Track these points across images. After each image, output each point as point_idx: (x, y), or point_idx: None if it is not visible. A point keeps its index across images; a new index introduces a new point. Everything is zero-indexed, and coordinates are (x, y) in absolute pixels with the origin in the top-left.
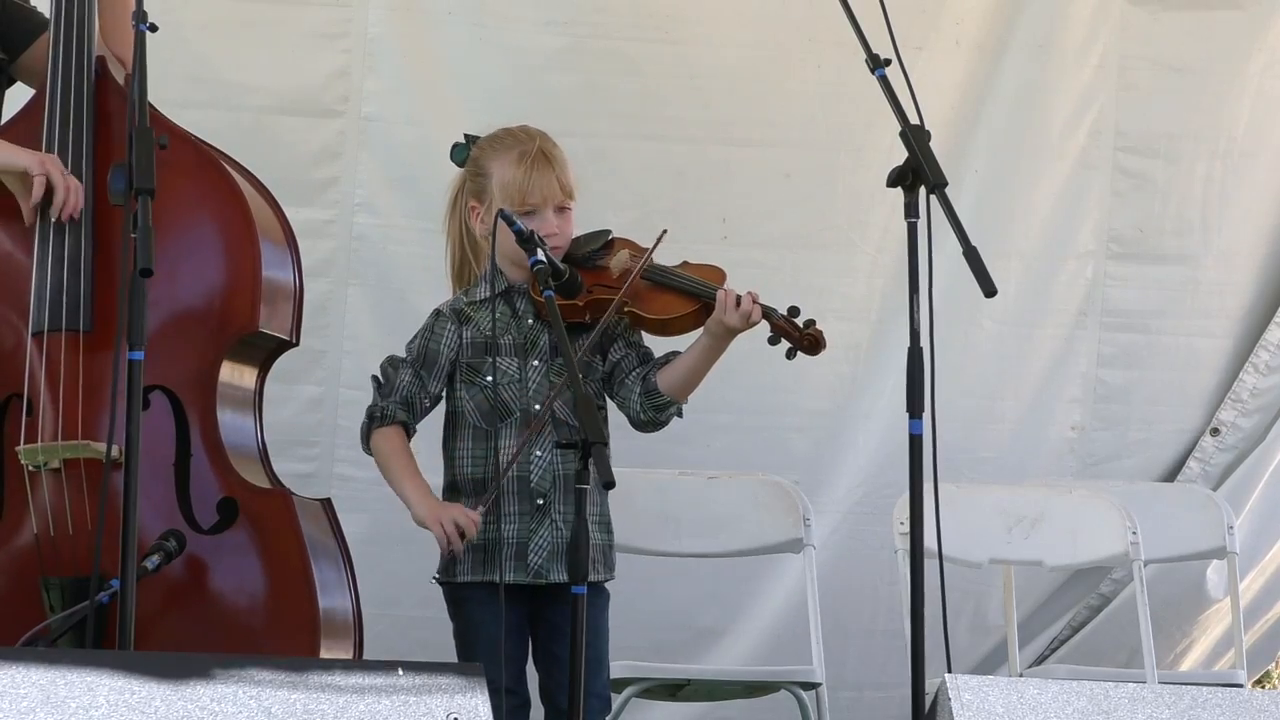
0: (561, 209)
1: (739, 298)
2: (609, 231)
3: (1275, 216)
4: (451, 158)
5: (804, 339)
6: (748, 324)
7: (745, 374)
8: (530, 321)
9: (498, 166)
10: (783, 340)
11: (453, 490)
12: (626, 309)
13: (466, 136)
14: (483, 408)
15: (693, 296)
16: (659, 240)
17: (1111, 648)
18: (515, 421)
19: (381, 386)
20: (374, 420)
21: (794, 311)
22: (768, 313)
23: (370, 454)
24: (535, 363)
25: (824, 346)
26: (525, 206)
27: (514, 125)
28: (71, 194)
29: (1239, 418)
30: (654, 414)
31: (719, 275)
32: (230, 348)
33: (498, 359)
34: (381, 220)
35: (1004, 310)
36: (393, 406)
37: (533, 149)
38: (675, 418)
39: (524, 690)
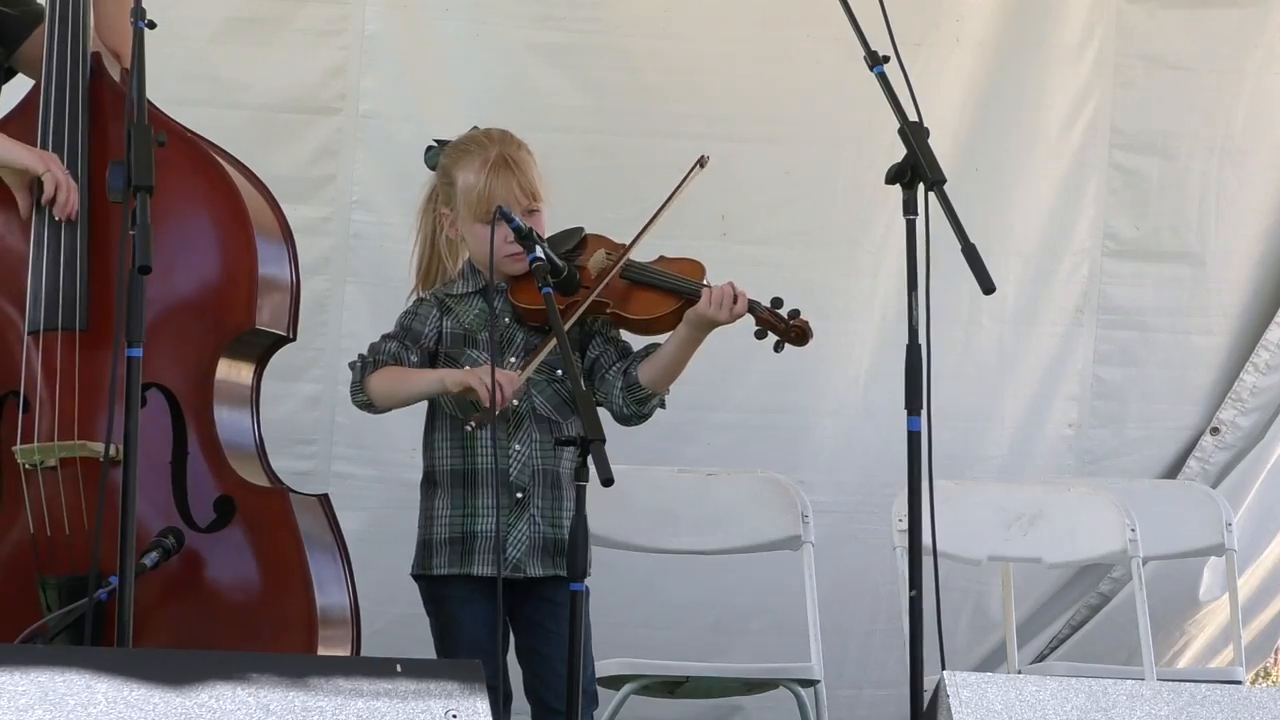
0: (530, 212)
1: (725, 292)
2: (582, 229)
3: (1273, 214)
4: (425, 162)
5: (791, 330)
6: (733, 318)
7: (747, 372)
8: (506, 320)
9: (461, 174)
10: (769, 334)
11: (429, 483)
12: (609, 310)
13: (436, 141)
14: (458, 397)
15: (674, 294)
16: (635, 240)
17: (1111, 646)
18: (488, 413)
19: (365, 358)
20: (367, 366)
21: (777, 303)
22: (753, 306)
23: (365, 399)
24: (511, 359)
25: (811, 337)
26: (489, 214)
27: (481, 129)
28: (72, 194)
29: (1238, 416)
30: (637, 407)
31: (698, 270)
32: (227, 345)
33: (474, 352)
34: (378, 218)
35: (1002, 308)
36: (384, 358)
37: (493, 155)
38: (659, 409)
39: (506, 685)
